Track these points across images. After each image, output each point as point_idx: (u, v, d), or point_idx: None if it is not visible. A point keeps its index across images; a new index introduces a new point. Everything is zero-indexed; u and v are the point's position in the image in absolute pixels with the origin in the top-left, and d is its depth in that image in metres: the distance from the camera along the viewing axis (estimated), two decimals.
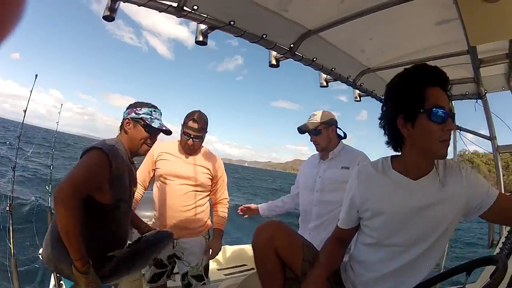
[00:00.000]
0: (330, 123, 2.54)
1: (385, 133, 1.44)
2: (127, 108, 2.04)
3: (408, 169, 1.39)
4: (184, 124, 2.68)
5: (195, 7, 1.78)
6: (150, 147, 2.07)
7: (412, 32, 2.21)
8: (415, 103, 1.28)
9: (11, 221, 3.05)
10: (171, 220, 2.63)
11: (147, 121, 1.97)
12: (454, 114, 1.34)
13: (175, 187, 2.68)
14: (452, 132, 1.31)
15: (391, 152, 1.47)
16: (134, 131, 1.99)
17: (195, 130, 2.65)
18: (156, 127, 1.98)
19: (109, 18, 1.73)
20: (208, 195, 2.90)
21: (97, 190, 1.76)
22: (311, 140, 2.61)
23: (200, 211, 2.74)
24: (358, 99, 3.20)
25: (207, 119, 2.73)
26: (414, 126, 1.29)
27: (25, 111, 3.54)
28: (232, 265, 4.05)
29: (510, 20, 1.64)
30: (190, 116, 2.68)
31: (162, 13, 1.76)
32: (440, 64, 2.32)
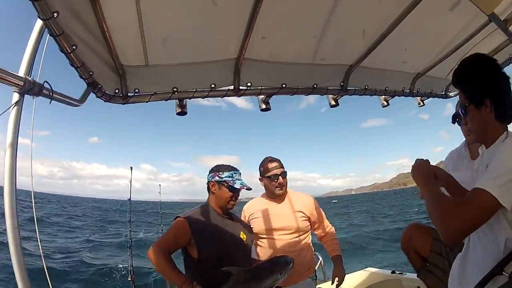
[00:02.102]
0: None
1: None
2: (210, 172, 2.46)
3: None
4: (265, 171, 2.84)
5: (249, 84, 2.31)
6: (235, 202, 2.43)
7: (436, 26, 2.43)
8: None
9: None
10: None
11: (229, 183, 2.35)
12: None
13: (274, 240, 2.78)
14: None
15: None
16: (220, 192, 2.39)
17: (277, 167, 2.81)
18: (238, 187, 2.35)
19: (181, 113, 2.33)
20: (309, 234, 2.95)
21: (188, 246, 2.26)
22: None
23: (304, 255, 2.78)
24: (422, 104, 3.36)
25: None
26: None
27: (129, 199, 4.43)
28: None
29: None
30: (265, 161, 2.88)
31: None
32: (476, 41, 2.51)
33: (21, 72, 1.70)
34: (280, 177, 2.81)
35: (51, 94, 1.78)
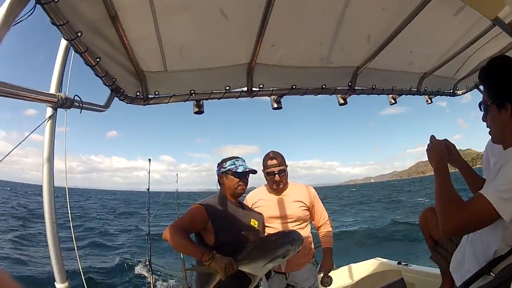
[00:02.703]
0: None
1: None
2: (217, 167, 2.68)
3: None
4: (265, 167, 2.96)
5: (261, 86, 2.50)
6: (244, 188, 2.61)
7: (440, 30, 2.52)
8: None
9: (151, 275, 4.11)
10: None
11: (233, 170, 2.54)
12: None
13: (275, 229, 2.88)
14: None
15: None
16: (227, 181, 2.58)
17: (275, 165, 2.90)
18: (241, 171, 2.53)
19: (198, 113, 2.55)
20: (308, 222, 3.09)
21: (204, 232, 2.42)
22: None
23: (305, 243, 2.77)
24: (430, 101, 3.46)
25: (281, 154, 3.00)
26: None
27: (148, 189, 4.72)
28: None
29: None
30: (266, 158, 3.00)
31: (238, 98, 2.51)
32: (482, 42, 2.59)
33: (52, 89, 1.92)
34: (276, 174, 2.91)
35: (81, 105, 1.98)
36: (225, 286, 2.27)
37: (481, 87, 1.58)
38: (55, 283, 2.14)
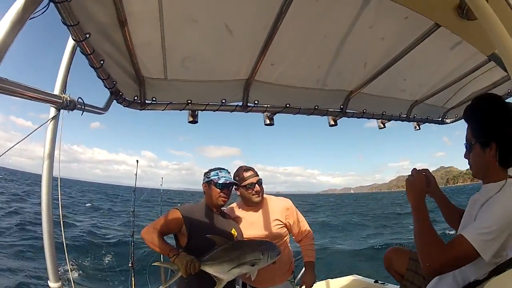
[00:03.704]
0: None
1: None
2: (203, 176, 2.68)
3: None
4: (240, 180, 2.84)
5: (256, 102, 2.56)
6: (225, 198, 2.60)
7: (435, 62, 2.59)
8: None
9: (133, 274, 4.04)
10: (255, 276, 2.48)
11: (215, 180, 2.56)
12: None
13: None
14: None
15: None
16: (210, 190, 2.60)
17: (253, 176, 2.84)
18: (222, 182, 2.54)
19: (193, 122, 2.60)
20: (287, 239, 2.99)
21: (179, 234, 2.48)
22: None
23: (282, 260, 2.70)
24: (418, 128, 3.55)
25: None
26: None
27: (134, 190, 4.68)
28: None
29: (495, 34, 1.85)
30: (240, 171, 2.89)
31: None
32: (476, 75, 2.65)
33: (56, 90, 1.94)
34: (256, 185, 2.85)
35: (83, 107, 2.01)
36: (193, 284, 2.38)
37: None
38: (48, 281, 2.18)
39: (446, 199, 1.95)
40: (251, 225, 2.89)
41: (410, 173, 1.70)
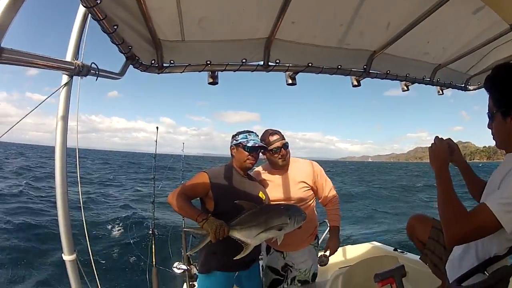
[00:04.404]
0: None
1: None
2: (231, 139, 2.71)
3: None
4: (266, 144, 2.80)
5: (278, 61, 2.51)
6: (253, 161, 2.63)
7: (458, 26, 2.52)
8: None
9: (153, 241, 4.05)
10: (287, 235, 2.48)
11: (244, 143, 2.59)
12: None
13: None
14: None
15: None
16: (238, 153, 2.63)
17: (279, 140, 2.83)
18: (251, 145, 2.57)
19: (213, 83, 2.56)
20: (312, 203, 3.00)
21: (206, 198, 2.51)
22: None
23: (307, 224, 2.67)
24: (441, 92, 3.49)
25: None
26: None
27: (154, 157, 4.76)
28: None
29: None
30: (266, 135, 2.88)
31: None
32: (499, 43, 2.59)
33: (68, 57, 1.89)
34: (282, 149, 2.84)
35: (97, 72, 1.98)
36: (218, 249, 2.41)
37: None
38: (62, 254, 2.13)
39: (471, 170, 1.93)
40: (277, 188, 2.91)
41: (431, 143, 1.70)
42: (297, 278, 2.96)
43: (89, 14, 1.71)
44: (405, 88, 3.24)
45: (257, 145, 2.61)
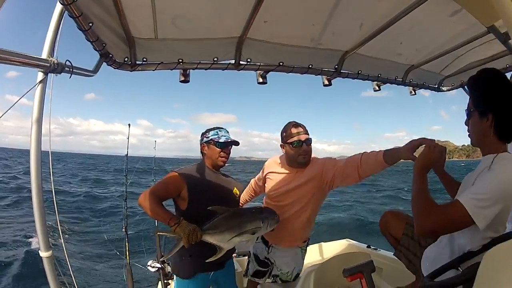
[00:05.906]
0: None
1: None
2: (201, 137, 2.65)
3: None
4: (288, 136, 2.57)
5: (249, 60, 2.53)
6: (225, 158, 2.58)
7: (434, 28, 2.52)
8: None
9: (126, 239, 4.07)
10: (277, 229, 2.47)
11: (215, 140, 2.53)
12: None
13: (286, 207, 2.63)
14: None
15: None
16: (209, 150, 2.58)
17: (302, 133, 2.55)
18: (223, 141, 2.52)
19: (185, 81, 2.57)
20: (317, 208, 2.71)
21: (178, 199, 2.45)
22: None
23: (309, 223, 2.63)
24: (414, 93, 3.55)
25: None
26: None
27: (126, 155, 4.73)
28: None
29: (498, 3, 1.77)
30: (288, 127, 2.61)
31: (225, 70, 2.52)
32: (475, 45, 2.63)
33: (44, 54, 1.89)
34: (304, 144, 2.54)
35: (71, 70, 1.98)
36: (194, 252, 2.36)
37: (468, 91, 1.66)
38: (39, 251, 2.16)
39: (448, 175, 2.03)
40: (287, 187, 2.65)
41: (431, 144, 1.72)
42: (279, 277, 2.82)
43: (65, 12, 1.72)
44: (377, 88, 3.29)
45: (229, 140, 2.57)
